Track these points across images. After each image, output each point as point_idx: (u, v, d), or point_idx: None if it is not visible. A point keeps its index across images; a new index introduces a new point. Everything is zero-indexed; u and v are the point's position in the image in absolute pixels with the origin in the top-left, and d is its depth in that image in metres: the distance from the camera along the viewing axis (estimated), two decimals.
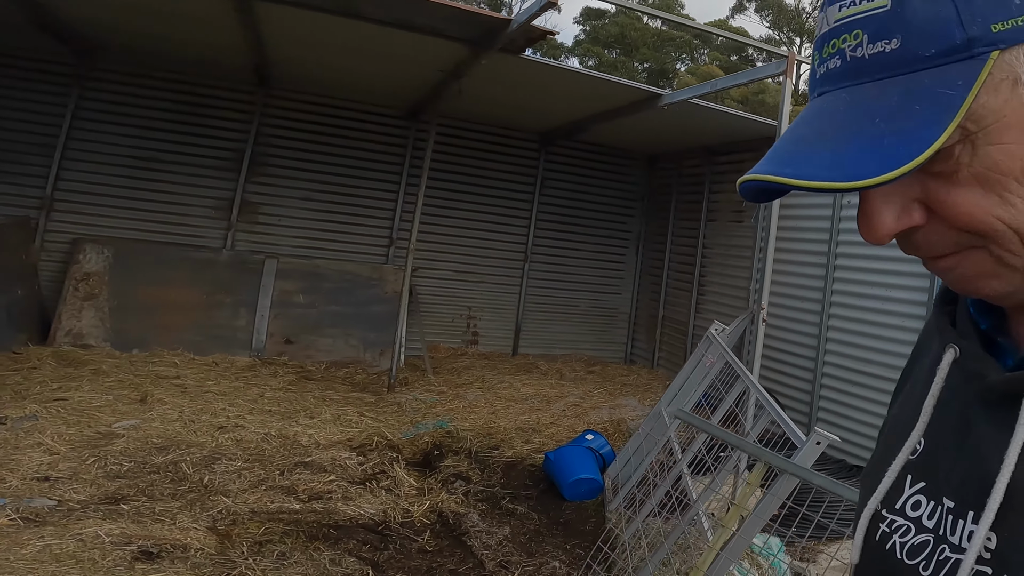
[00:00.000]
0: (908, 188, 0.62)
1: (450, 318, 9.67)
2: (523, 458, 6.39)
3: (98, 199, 8.36)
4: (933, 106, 0.55)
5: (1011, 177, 0.58)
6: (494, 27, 5.61)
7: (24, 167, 8.15)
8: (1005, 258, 0.62)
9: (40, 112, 8.17)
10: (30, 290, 7.88)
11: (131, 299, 7.94)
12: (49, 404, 5.80)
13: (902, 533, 0.74)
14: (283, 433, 5.96)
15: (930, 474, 0.74)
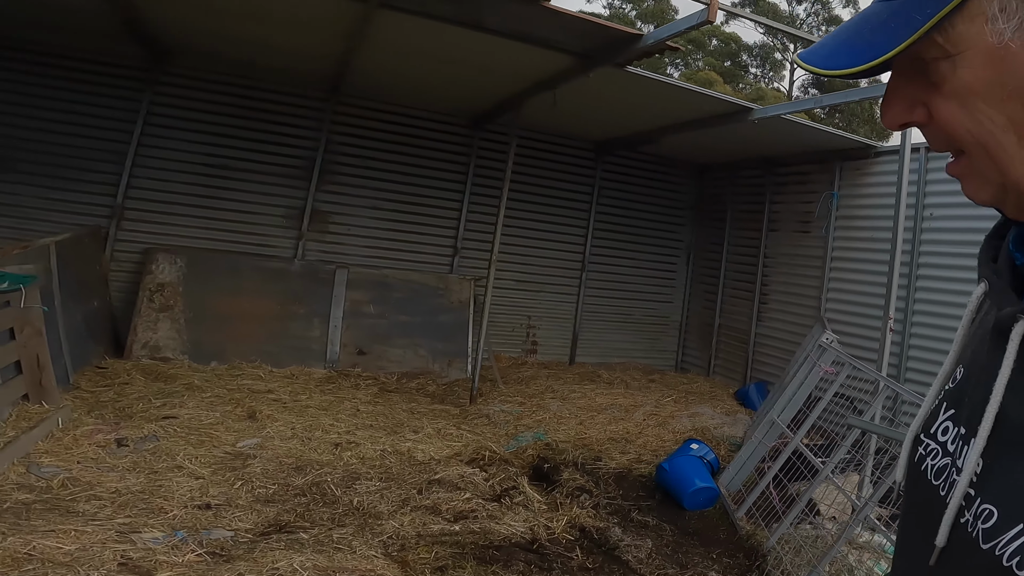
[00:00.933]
0: (916, 91, 0.71)
1: (511, 328, 9.59)
2: (628, 468, 6.37)
3: (169, 207, 8.15)
4: (901, 26, 0.66)
5: (979, 97, 0.67)
6: (620, 41, 5.55)
7: (95, 174, 7.93)
8: (978, 167, 0.70)
9: (112, 118, 7.95)
10: (103, 301, 7.67)
11: (206, 310, 7.76)
12: (161, 423, 5.64)
13: (933, 456, 0.79)
14: (397, 449, 5.86)
15: (958, 401, 0.78)
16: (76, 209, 7.87)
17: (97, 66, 7.88)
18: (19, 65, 7.63)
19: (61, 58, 7.73)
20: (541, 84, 6.99)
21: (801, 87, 35.14)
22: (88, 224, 7.80)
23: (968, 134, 0.69)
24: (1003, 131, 0.67)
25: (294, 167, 8.59)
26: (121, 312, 7.86)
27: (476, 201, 9.40)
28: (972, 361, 0.79)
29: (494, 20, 5.45)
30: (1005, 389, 0.68)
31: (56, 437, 5.09)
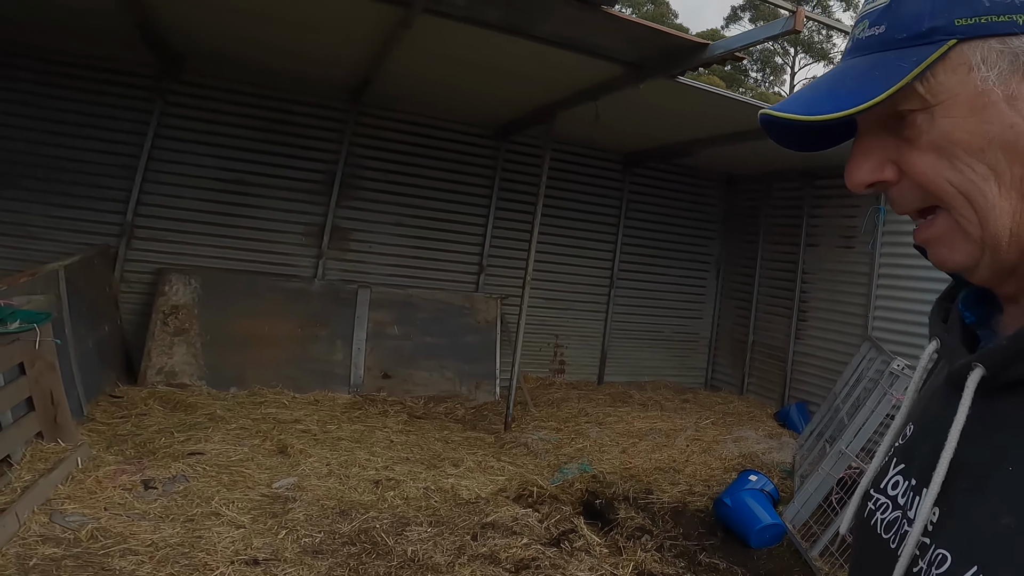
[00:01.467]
0: (885, 149, 0.74)
1: (538, 347, 9.17)
2: (682, 502, 5.99)
3: (182, 225, 7.68)
4: (886, 74, 0.67)
5: (960, 147, 0.68)
6: (682, 50, 5.18)
7: (103, 190, 7.44)
8: (962, 223, 0.70)
9: (120, 130, 7.44)
10: (114, 325, 7.22)
11: (223, 333, 7.32)
12: (188, 460, 5.20)
13: (882, 510, 0.80)
14: (440, 486, 5.44)
15: (908, 457, 0.80)
16: (83, 227, 7.39)
17: (104, 74, 7.38)
18: (19, 73, 7.12)
19: (66, 65, 7.23)
20: (581, 94, 6.62)
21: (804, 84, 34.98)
22: (96, 243, 7.33)
23: (949, 185, 0.69)
24: (984, 180, 0.67)
25: (313, 182, 8.15)
26: (133, 335, 7.41)
27: (502, 216, 8.99)
28: (922, 416, 0.82)
29: (545, 27, 5.07)
30: (960, 437, 0.69)
31: (77, 479, 4.65)
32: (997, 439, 0.68)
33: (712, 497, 6.06)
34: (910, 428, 0.83)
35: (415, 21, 5.08)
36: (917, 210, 0.74)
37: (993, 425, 0.69)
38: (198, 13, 5.82)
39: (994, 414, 0.69)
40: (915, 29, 0.68)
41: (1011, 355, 0.68)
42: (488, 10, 4.85)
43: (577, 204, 9.34)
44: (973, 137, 0.67)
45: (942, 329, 0.81)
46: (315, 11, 5.34)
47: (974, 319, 0.81)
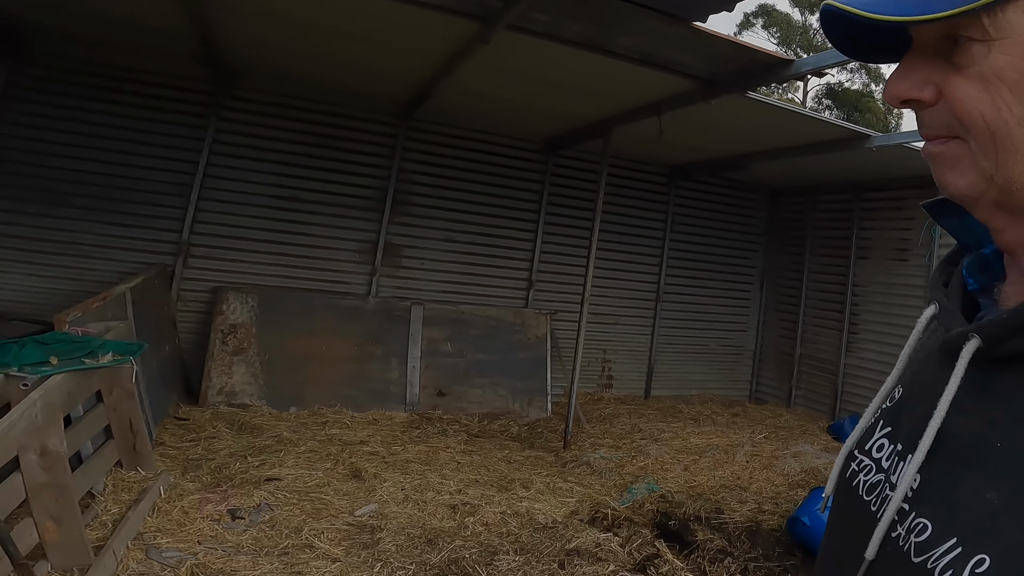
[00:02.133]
0: (931, 70, 0.70)
1: (586, 362, 9.04)
2: (755, 521, 5.89)
3: (237, 243, 7.63)
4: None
5: (1006, 85, 0.65)
6: (765, 66, 5.09)
7: (158, 208, 7.39)
8: (977, 155, 0.68)
9: (175, 147, 7.38)
10: (172, 344, 7.18)
11: (281, 352, 7.27)
12: (266, 487, 5.15)
13: (866, 472, 0.80)
14: (515, 510, 5.36)
15: (895, 420, 0.80)
16: (138, 246, 7.35)
17: (157, 89, 7.30)
18: (71, 89, 7.06)
19: (118, 80, 7.15)
20: (642, 109, 6.54)
21: (815, 97, 34.80)
22: (152, 262, 7.30)
23: (981, 118, 0.67)
24: (1018, 124, 0.66)
25: (366, 198, 8.09)
26: (190, 354, 7.36)
27: (550, 231, 8.92)
28: (913, 381, 0.81)
29: (624, 42, 4.98)
30: (949, 406, 0.69)
31: (163, 510, 4.60)
32: (987, 413, 0.67)
33: (783, 515, 5.96)
34: (899, 391, 0.83)
35: (494, 36, 5.00)
36: (942, 137, 0.72)
37: (984, 398, 0.68)
38: (263, 29, 5.75)
39: (986, 387, 0.69)
40: None
41: (1009, 329, 0.66)
42: (570, 25, 4.78)
43: (624, 218, 9.26)
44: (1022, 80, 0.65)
45: (942, 293, 0.81)
46: (387, 26, 5.27)
47: (976, 286, 0.80)
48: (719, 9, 4.44)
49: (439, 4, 4.70)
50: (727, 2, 4.37)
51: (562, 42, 5.11)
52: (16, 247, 6.95)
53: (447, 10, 4.78)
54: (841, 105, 31.97)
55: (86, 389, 4.52)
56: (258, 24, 5.67)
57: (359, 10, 5.05)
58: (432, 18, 4.93)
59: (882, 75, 35.12)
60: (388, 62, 6.24)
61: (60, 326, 4.56)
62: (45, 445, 3.47)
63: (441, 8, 4.76)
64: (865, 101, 33.78)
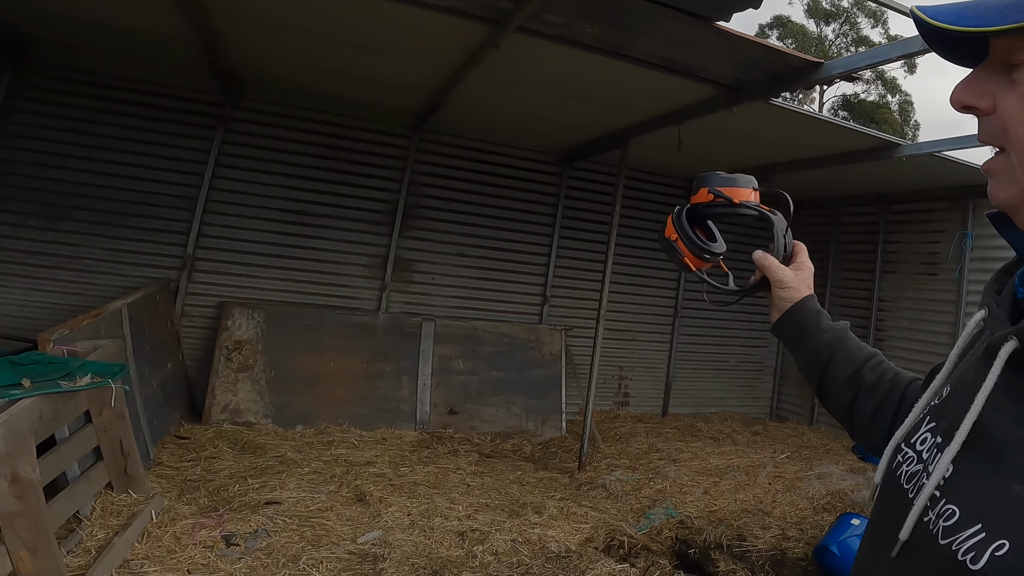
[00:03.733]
0: (992, 83, 0.75)
1: (602, 379, 8.70)
2: (779, 549, 5.50)
3: (243, 257, 7.36)
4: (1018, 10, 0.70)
5: None
6: (793, 71, 4.77)
7: (162, 222, 7.12)
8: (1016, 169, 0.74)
9: (180, 159, 7.12)
10: (176, 361, 6.91)
11: (288, 369, 6.98)
12: (265, 512, 4.84)
13: (908, 463, 0.85)
14: (527, 537, 5.01)
15: (939, 416, 0.84)
16: (142, 260, 7.08)
17: (163, 100, 7.05)
18: (74, 100, 6.81)
19: (122, 91, 6.91)
20: (661, 118, 6.24)
21: (831, 108, 34.37)
22: (156, 277, 7.04)
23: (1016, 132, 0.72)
24: None
25: (375, 211, 7.80)
26: (195, 371, 7.10)
27: (565, 245, 8.61)
28: (960, 380, 0.85)
29: (644, 46, 4.67)
30: (985, 403, 0.72)
31: (154, 535, 4.29)
32: (1020, 412, 0.70)
33: (809, 543, 5.58)
34: (947, 389, 0.87)
35: (504, 40, 4.72)
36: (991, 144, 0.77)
37: (1019, 398, 0.71)
38: (269, 38, 5.52)
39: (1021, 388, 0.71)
40: None
41: None
42: (586, 28, 4.47)
43: (642, 231, 8.90)
44: None
45: (993, 300, 0.83)
46: (394, 33, 5.02)
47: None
48: (745, 6, 4.13)
49: (447, 6, 4.45)
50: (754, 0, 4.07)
51: (577, 46, 4.83)
52: (18, 261, 6.71)
53: (455, 12, 4.53)
54: (857, 116, 31.50)
55: (70, 410, 4.22)
56: (264, 33, 5.44)
57: (364, 17, 4.81)
58: (440, 21, 4.66)
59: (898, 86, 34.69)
60: (397, 71, 5.99)
61: (44, 345, 4.28)
62: (16, 472, 3.18)
63: (449, 10, 4.51)
64: (881, 112, 33.34)
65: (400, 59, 5.64)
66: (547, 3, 4.15)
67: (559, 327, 8.25)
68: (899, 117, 34.20)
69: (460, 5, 4.41)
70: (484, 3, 4.33)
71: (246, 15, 5.07)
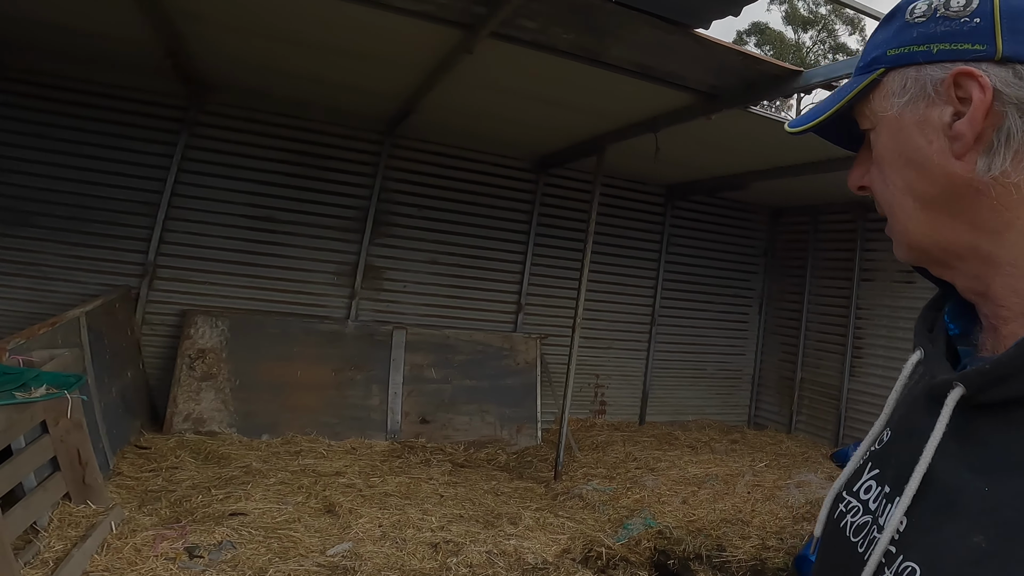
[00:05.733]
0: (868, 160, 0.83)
1: (578, 387, 8.75)
2: (759, 559, 5.58)
3: (207, 264, 7.31)
4: (836, 97, 0.81)
5: (886, 163, 0.78)
6: (772, 79, 4.85)
7: (123, 228, 7.04)
8: (894, 229, 0.82)
9: (142, 163, 7.06)
10: (136, 370, 6.84)
11: (254, 378, 6.95)
12: (230, 523, 4.80)
13: (853, 513, 0.83)
14: (502, 549, 5.02)
15: (883, 462, 0.83)
16: (102, 268, 7.01)
17: (124, 103, 7.00)
18: (32, 102, 6.74)
19: (83, 94, 6.86)
20: (637, 125, 6.32)
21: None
22: (117, 284, 6.98)
23: (881, 195, 0.81)
24: (903, 194, 0.77)
25: (345, 218, 7.80)
26: (157, 380, 7.04)
27: (540, 253, 8.67)
28: (899, 425, 0.84)
29: (620, 52, 4.74)
30: (935, 451, 0.71)
31: (114, 547, 4.25)
32: (972, 458, 0.69)
33: (789, 552, 5.66)
34: (887, 434, 0.85)
35: (477, 46, 4.75)
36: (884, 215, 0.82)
37: (968, 444, 0.70)
38: (234, 40, 5.50)
39: (970, 433, 0.70)
40: (865, 59, 0.80)
41: (991, 379, 0.68)
42: (560, 33, 4.53)
43: (618, 239, 9.03)
44: (893, 155, 0.77)
45: (926, 339, 0.84)
46: (365, 38, 5.04)
47: (957, 331, 0.84)
48: (724, 14, 4.21)
49: (419, 11, 4.48)
50: (733, 6, 4.15)
51: (552, 52, 4.88)
52: None
53: (428, 17, 4.55)
54: None
55: (25, 420, 4.19)
56: (230, 36, 5.42)
57: (333, 21, 4.80)
58: (412, 26, 4.69)
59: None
60: (367, 76, 6.01)
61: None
62: None
63: (421, 15, 4.53)
64: None
65: (371, 64, 5.66)
66: (521, 8, 4.20)
67: (534, 335, 8.29)
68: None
69: (432, 10, 4.44)
70: (457, 8, 4.37)
71: (211, 18, 5.05)
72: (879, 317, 8.27)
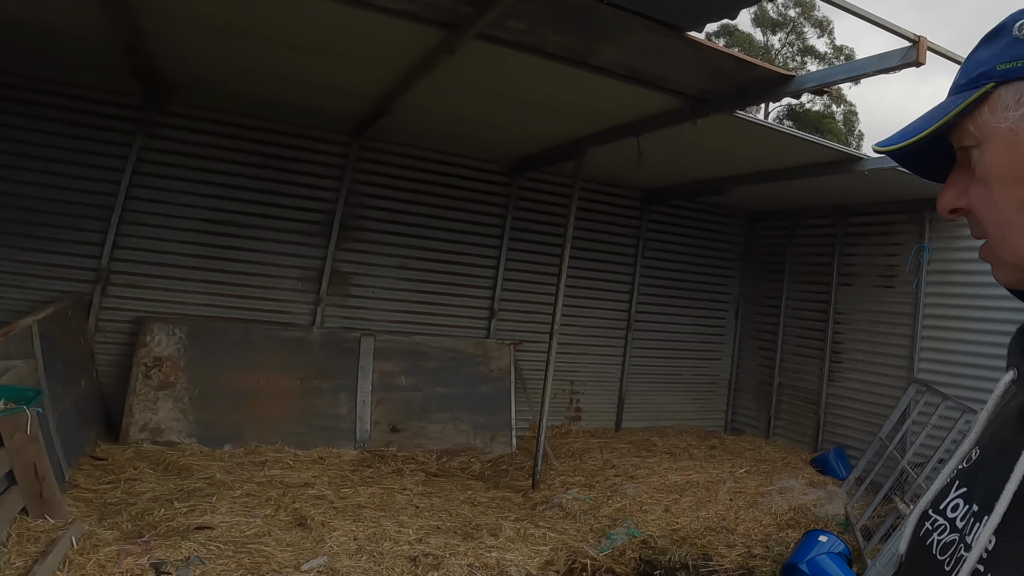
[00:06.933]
0: (964, 181, 0.82)
1: (553, 394, 8.72)
2: (746, 568, 5.66)
3: (164, 270, 7.21)
4: (937, 113, 0.79)
5: (995, 180, 0.76)
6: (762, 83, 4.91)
7: (75, 232, 6.92)
8: (994, 248, 0.79)
9: (95, 165, 6.96)
10: (90, 379, 6.72)
11: (214, 387, 6.87)
12: (196, 537, 4.72)
13: (940, 531, 0.83)
14: (484, 562, 5.00)
15: (971, 481, 0.83)
16: (54, 273, 6.86)
17: (80, 103, 6.89)
18: None
19: (33, 92, 6.73)
20: (619, 129, 6.36)
21: (777, 118, 35.43)
22: (69, 291, 6.84)
23: (988, 215, 0.78)
24: (1015, 211, 0.75)
25: (310, 222, 7.77)
26: (112, 389, 6.91)
27: (514, 258, 8.74)
28: (990, 443, 0.83)
29: (609, 55, 4.73)
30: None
31: (76, 563, 4.16)
32: None
33: (776, 560, 5.74)
34: (976, 452, 0.86)
35: (461, 47, 4.73)
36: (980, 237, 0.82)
37: None
38: (198, 37, 5.38)
39: None
40: (970, 75, 0.79)
41: None
42: (549, 35, 4.52)
43: (594, 244, 9.13)
44: (1005, 171, 0.75)
45: (1021, 360, 0.82)
46: (337, 37, 4.99)
47: None
48: (721, 17, 4.24)
49: (398, 9, 4.40)
50: (730, 10, 4.19)
51: (539, 54, 4.85)
52: None
53: (408, 16, 4.48)
54: (802, 127, 32.51)
55: None
56: (194, 33, 5.31)
57: (305, 18, 4.74)
58: (392, 26, 4.62)
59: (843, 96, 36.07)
60: (338, 76, 5.96)
61: None
62: None
63: (401, 14, 4.45)
64: (826, 123, 34.56)
65: (342, 63, 5.60)
66: (511, 9, 4.16)
67: (508, 341, 8.31)
68: (843, 127, 35.51)
69: (414, 8, 4.37)
70: (442, 7, 4.31)
71: (175, 14, 4.95)
72: (858, 322, 8.44)
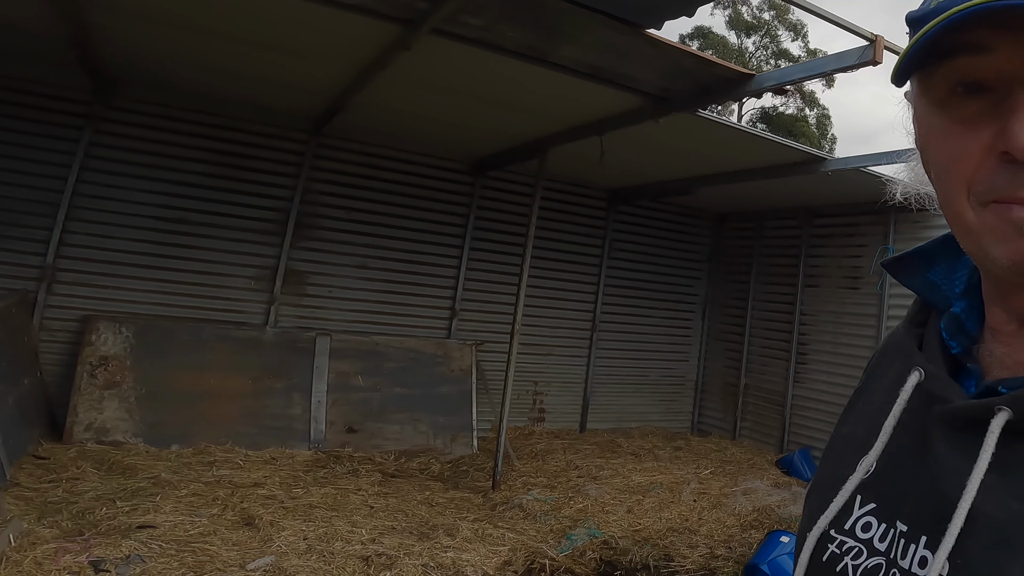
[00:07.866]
0: None
1: (516, 395, 8.78)
2: (708, 569, 5.73)
3: (112, 268, 7.16)
4: None
5: None
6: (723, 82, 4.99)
7: (18, 229, 6.84)
8: None
9: (40, 160, 6.90)
10: (34, 378, 6.65)
11: (162, 387, 6.84)
12: (137, 536, 4.69)
13: (854, 555, 0.77)
14: (439, 562, 5.02)
15: (883, 495, 0.78)
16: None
17: (23, 96, 6.84)
18: None
19: None
20: (582, 128, 6.42)
21: (750, 121, 35.88)
22: (13, 288, 6.76)
23: None
24: None
25: (264, 220, 7.77)
26: (56, 388, 6.84)
27: (476, 258, 8.81)
28: (900, 453, 0.78)
29: (569, 52, 4.81)
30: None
31: (13, 560, 4.14)
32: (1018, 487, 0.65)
33: (738, 561, 5.80)
34: (875, 464, 0.81)
35: (417, 43, 4.77)
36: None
37: (1011, 472, 0.66)
38: (147, 30, 5.38)
39: (1012, 460, 0.66)
40: None
41: None
42: (507, 31, 4.58)
43: (558, 244, 9.23)
44: None
45: (923, 359, 0.80)
46: (291, 30, 5.00)
47: (959, 349, 0.80)
48: (678, 14, 4.30)
49: (354, 4, 4.44)
50: (687, 7, 4.25)
51: (498, 51, 4.92)
52: None
53: (363, 11, 4.52)
54: (776, 130, 32.97)
55: None
56: (143, 26, 5.31)
57: (258, 13, 4.77)
58: (346, 20, 4.67)
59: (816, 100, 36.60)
60: (293, 71, 5.99)
61: None
62: None
63: (356, 8, 4.49)
64: (799, 126, 35.03)
65: (297, 58, 5.63)
66: (467, 4, 4.21)
67: (469, 342, 8.36)
68: (816, 131, 36.01)
69: (369, 3, 4.42)
70: (397, 3, 4.36)
71: (123, 7, 4.94)
72: (823, 323, 8.61)
